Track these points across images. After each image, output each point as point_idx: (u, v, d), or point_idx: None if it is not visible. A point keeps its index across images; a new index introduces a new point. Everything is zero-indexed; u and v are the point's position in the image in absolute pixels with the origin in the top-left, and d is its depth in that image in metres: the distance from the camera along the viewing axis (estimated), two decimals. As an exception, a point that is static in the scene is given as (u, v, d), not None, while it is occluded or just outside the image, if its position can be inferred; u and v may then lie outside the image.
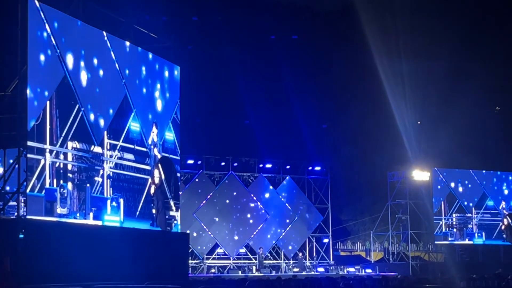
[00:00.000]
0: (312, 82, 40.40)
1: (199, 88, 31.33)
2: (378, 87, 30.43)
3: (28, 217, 15.86)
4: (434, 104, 36.33)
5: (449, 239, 36.09)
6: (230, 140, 37.41)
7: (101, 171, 19.46)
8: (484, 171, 37.50)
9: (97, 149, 19.30)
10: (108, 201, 19.70)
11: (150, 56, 22.66)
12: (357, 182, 42.42)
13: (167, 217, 22.64)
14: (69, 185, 17.94)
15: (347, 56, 37.80)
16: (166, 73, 23.72)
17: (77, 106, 18.48)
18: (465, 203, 37.00)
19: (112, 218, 19.72)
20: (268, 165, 34.80)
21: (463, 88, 34.18)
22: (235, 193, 33.53)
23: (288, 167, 35.51)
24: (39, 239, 15.92)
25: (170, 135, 23.77)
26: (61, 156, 17.68)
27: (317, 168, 36.16)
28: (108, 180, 19.78)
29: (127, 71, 21.22)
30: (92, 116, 19.28)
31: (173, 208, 22.93)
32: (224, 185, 33.18)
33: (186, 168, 31.49)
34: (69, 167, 18.13)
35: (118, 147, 20.42)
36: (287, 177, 35.29)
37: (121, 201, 20.23)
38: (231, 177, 33.35)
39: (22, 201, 15.99)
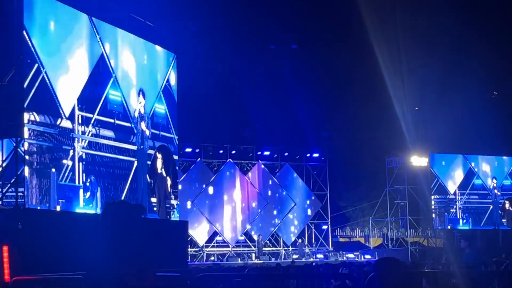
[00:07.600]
0: (311, 69, 40.24)
1: (196, 75, 31.12)
2: (376, 72, 30.36)
3: (26, 207, 14.49)
4: (432, 89, 36.15)
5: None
6: (228, 128, 37.28)
7: (71, 152, 15.64)
8: (479, 156, 36.51)
9: (65, 123, 15.45)
10: (81, 191, 15.92)
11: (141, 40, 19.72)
12: (356, 168, 42.40)
13: (167, 205, 21.51)
14: (26, 170, 14.15)
15: (345, 42, 37.64)
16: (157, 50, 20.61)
17: (36, 65, 14.75)
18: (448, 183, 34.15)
19: (86, 212, 15.81)
20: (266, 153, 34.75)
21: (460, 74, 34.06)
22: (233, 181, 33.50)
23: (286, 154, 35.48)
24: (39, 229, 14.26)
25: (161, 108, 19.93)
26: (13, 132, 14.14)
27: (315, 155, 36.17)
28: (80, 164, 15.93)
29: (104, 27, 17.24)
30: (57, 80, 15.23)
31: (172, 196, 21.80)
32: (222, 173, 33.18)
33: (184, 156, 31.45)
34: (26, 146, 14.22)
35: (92, 121, 16.46)
36: (285, 164, 35.27)
37: (98, 190, 16.50)
38: (229, 164, 33.32)
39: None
